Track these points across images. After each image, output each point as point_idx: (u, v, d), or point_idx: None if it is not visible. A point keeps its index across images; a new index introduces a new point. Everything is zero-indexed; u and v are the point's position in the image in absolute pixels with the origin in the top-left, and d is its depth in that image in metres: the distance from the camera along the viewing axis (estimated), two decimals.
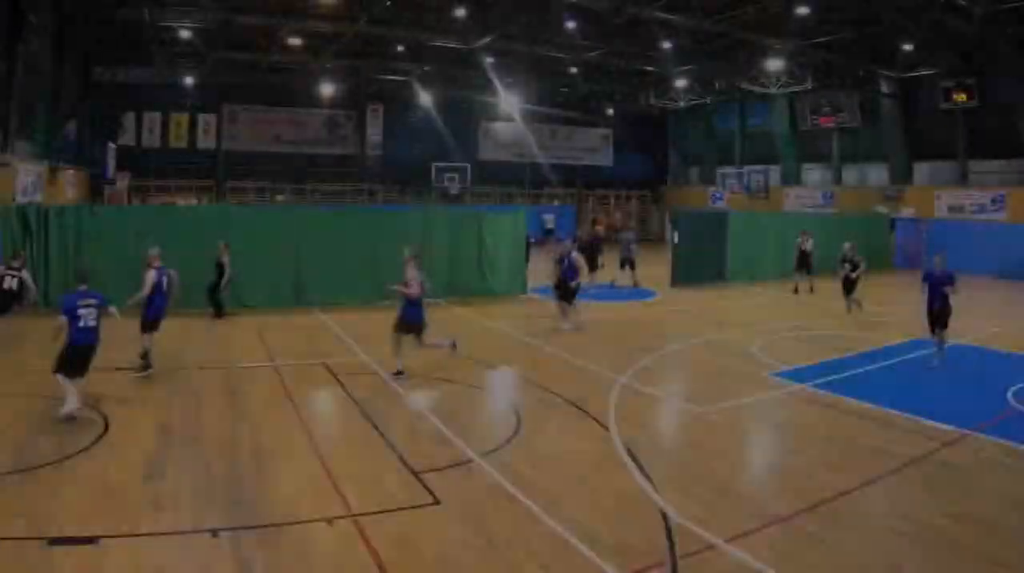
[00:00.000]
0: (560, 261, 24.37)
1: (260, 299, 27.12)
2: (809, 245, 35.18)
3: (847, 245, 28.27)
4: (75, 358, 14.51)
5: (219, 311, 25.31)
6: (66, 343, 14.50)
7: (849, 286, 27.99)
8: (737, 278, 36.91)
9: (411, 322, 18.04)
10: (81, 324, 14.55)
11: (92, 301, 14.89)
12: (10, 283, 19.64)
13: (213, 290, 25.11)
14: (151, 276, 17.90)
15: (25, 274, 20.44)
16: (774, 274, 38.92)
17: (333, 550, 9.65)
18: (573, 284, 24.11)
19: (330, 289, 27.88)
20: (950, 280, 20.02)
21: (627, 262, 35.65)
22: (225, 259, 24.99)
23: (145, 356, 17.93)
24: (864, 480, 12.21)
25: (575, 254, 24.63)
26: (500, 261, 31.07)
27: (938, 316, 20.23)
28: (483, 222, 30.93)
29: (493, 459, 12.89)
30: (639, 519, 10.65)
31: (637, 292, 33.93)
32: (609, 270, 35.24)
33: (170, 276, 18.41)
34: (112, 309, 15.47)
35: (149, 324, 18.04)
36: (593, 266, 32.83)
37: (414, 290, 17.76)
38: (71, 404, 14.18)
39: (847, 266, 27.29)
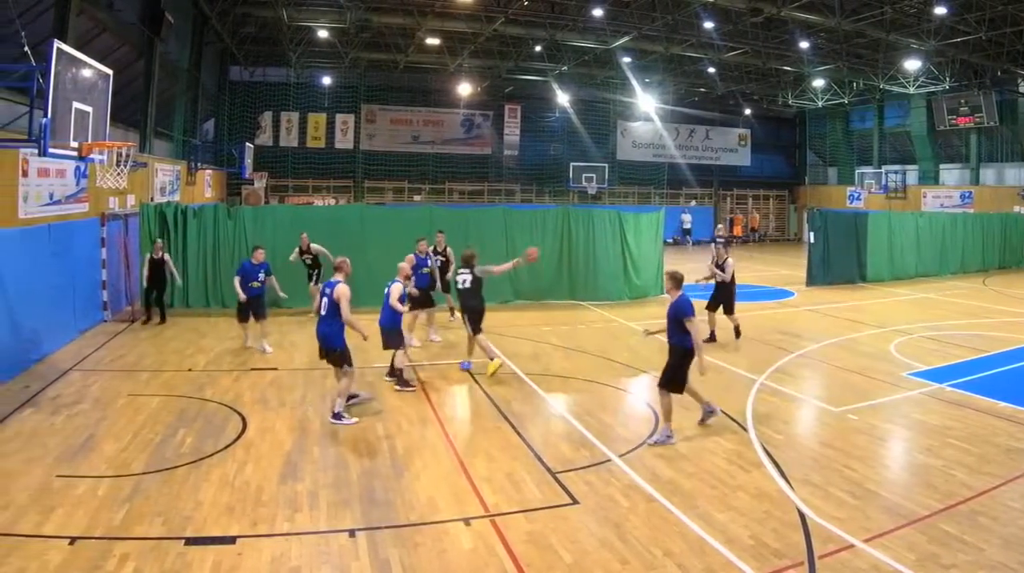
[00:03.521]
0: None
1: None
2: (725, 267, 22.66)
3: (466, 251, 19.81)
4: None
5: None
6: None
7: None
8: (873, 278, 36.39)
9: None
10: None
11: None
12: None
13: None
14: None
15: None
16: (911, 274, 38.90)
17: (471, 550, 9.64)
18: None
19: None
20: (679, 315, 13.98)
21: None
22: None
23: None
24: (1001, 480, 12.00)
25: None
26: (642, 262, 30.52)
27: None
28: (624, 222, 30.37)
29: (631, 459, 12.87)
30: (776, 519, 10.59)
31: (774, 292, 33.42)
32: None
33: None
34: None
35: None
36: None
37: None
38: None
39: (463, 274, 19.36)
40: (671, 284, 14.50)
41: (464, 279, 18.42)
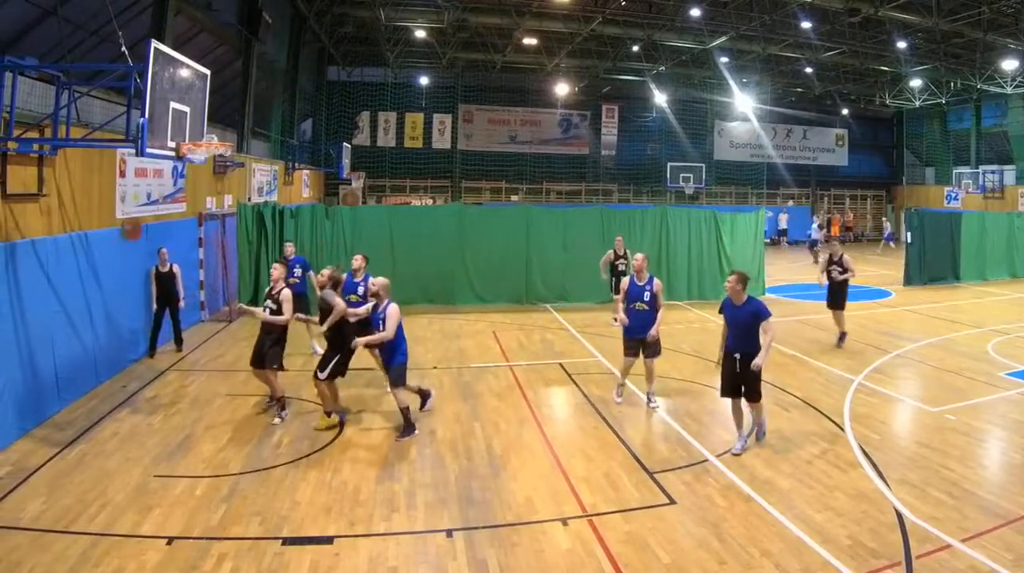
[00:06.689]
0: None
1: (493, 296, 27.06)
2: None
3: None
4: None
5: None
6: None
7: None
8: (970, 278, 36.01)
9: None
10: None
11: None
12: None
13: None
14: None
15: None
16: (1007, 274, 38.20)
17: (568, 550, 9.71)
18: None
19: (562, 287, 27.79)
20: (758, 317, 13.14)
21: None
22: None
23: None
24: None
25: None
26: (738, 261, 30.02)
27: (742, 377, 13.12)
28: (720, 222, 30.08)
29: (728, 459, 12.92)
30: (874, 518, 10.59)
31: (872, 291, 33.05)
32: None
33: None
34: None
35: None
36: None
37: None
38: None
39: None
40: (742, 285, 13.29)
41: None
